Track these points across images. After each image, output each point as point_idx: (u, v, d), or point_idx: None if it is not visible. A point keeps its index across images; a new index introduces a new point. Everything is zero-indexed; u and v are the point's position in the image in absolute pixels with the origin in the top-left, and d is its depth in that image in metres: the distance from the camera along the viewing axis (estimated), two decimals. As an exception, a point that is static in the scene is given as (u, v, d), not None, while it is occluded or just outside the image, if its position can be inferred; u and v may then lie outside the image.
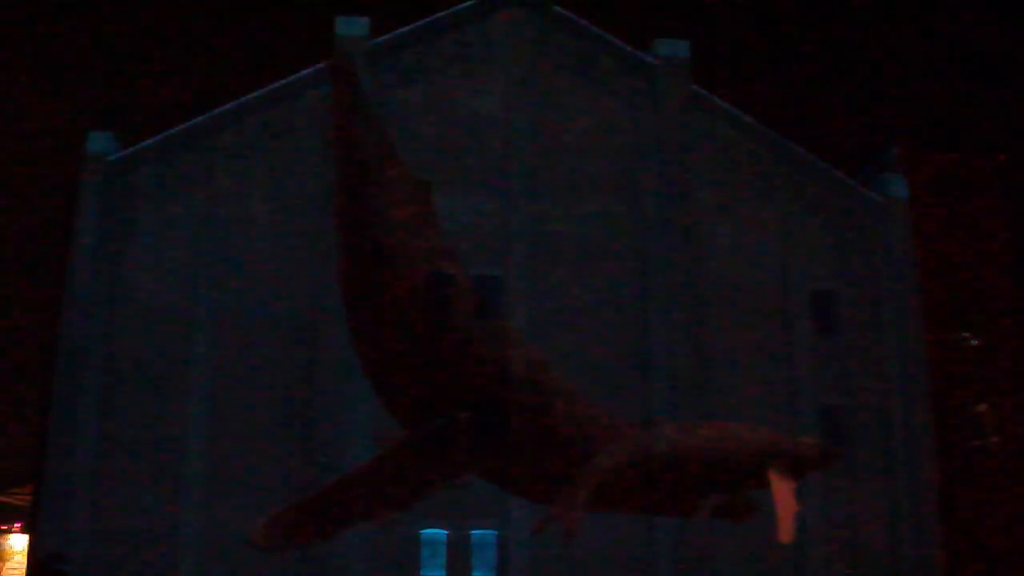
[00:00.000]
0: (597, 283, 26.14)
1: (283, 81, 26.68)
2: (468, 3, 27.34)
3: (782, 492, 11.80)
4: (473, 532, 24.71)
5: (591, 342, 25.51)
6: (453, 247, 12.63)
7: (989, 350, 28.45)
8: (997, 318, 28.74)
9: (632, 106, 27.50)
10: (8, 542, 34.80)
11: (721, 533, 24.79)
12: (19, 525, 34.35)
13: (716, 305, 26.40)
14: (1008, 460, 27.78)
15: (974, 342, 28.45)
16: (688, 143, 27.22)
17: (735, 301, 26.63)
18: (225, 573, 23.99)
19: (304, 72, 26.64)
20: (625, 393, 24.89)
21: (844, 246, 27.86)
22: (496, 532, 24.68)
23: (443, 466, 11.59)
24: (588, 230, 26.55)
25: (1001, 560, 26.96)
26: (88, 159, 25.98)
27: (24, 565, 28.55)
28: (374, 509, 11.52)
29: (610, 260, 26.43)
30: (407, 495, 11.63)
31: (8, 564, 34.04)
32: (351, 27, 26.58)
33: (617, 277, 26.34)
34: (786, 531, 11.63)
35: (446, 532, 24.67)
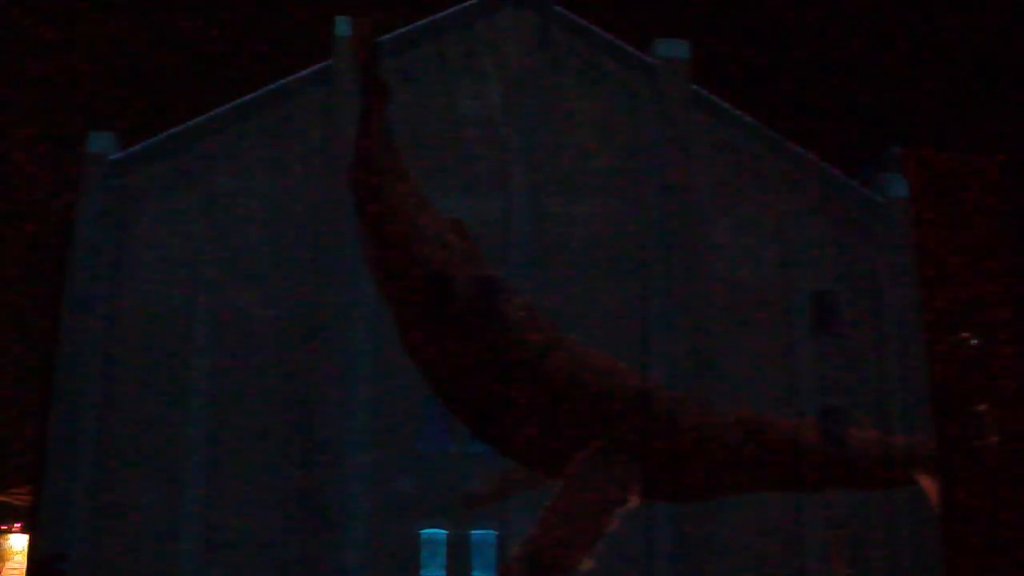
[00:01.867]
0: (597, 283, 26.15)
1: (283, 81, 26.69)
2: (469, 3, 27.35)
3: (931, 487, 12.77)
4: (473, 532, 24.72)
5: (591, 342, 25.45)
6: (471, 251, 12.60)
7: (989, 350, 28.45)
8: (997, 318, 28.74)
9: (632, 106, 27.51)
10: (8, 542, 34.79)
11: (721, 532, 24.85)
12: (19, 525, 34.34)
13: (716, 305, 26.41)
14: (1008, 460, 27.77)
15: (974, 342, 28.45)
16: (688, 143, 27.23)
17: (735, 301, 26.64)
18: (225, 573, 24.00)
19: (304, 72, 26.65)
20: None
21: (844, 246, 27.87)
22: (496, 532, 24.68)
23: (613, 492, 11.53)
24: (589, 230, 26.56)
25: (1001, 560, 26.95)
26: (88, 159, 25.99)
27: (24, 565, 28.53)
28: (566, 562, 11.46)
29: (610, 260, 26.44)
30: (589, 539, 11.54)
31: (8, 564, 34.04)
32: (351, 27, 26.57)
33: (617, 277, 26.35)
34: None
35: (446, 532, 24.68)
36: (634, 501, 11.72)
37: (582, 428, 11.72)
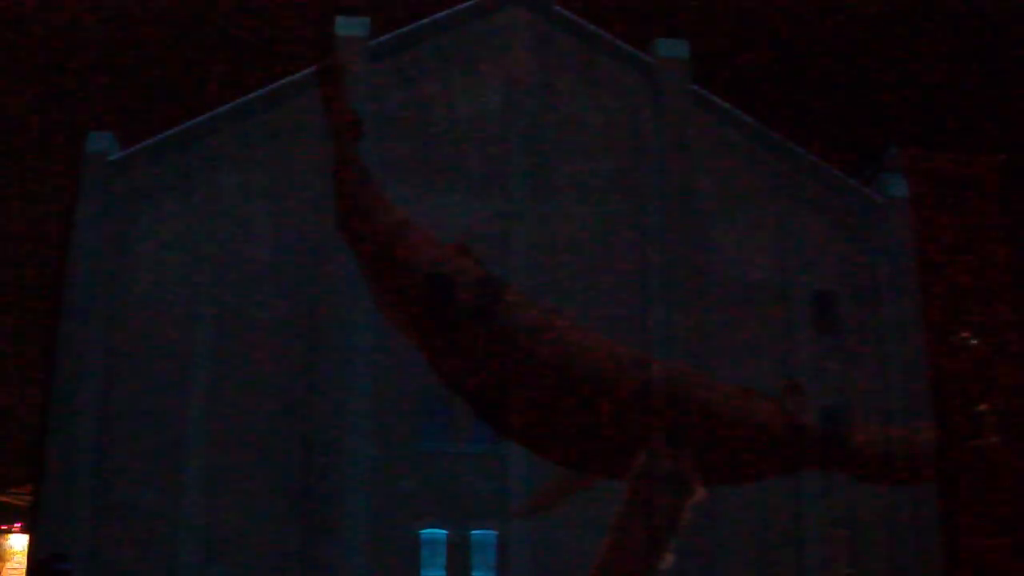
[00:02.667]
0: (597, 283, 26.14)
1: (283, 81, 26.69)
2: (468, 3, 27.35)
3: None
4: (473, 532, 24.72)
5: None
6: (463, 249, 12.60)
7: (989, 350, 28.46)
8: (997, 318, 28.75)
9: (632, 106, 27.51)
10: (8, 542, 34.82)
11: (722, 532, 24.83)
12: (19, 525, 34.36)
13: (716, 305, 26.40)
14: (1008, 460, 27.79)
15: (974, 342, 28.45)
16: (688, 143, 27.23)
17: (735, 301, 26.64)
18: (225, 573, 24.00)
19: (304, 72, 26.64)
20: (625, 393, 24.89)
21: (844, 246, 27.87)
22: (496, 532, 24.68)
23: (682, 486, 11.60)
24: (589, 230, 26.56)
25: (1001, 560, 26.97)
26: (88, 159, 25.99)
27: (24, 565, 28.55)
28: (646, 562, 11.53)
29: (610, 260, 26.43)
30: (668, 534, 11.62)
31: (8, 564, 34.07)
32: (351, 27, 26.60)
33: (617, 277, 26.34)
34: None
35: (446, 532, 24.68)
36: (700, 492, 11.79)
37: (612, 423, 11.73)
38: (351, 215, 12.15)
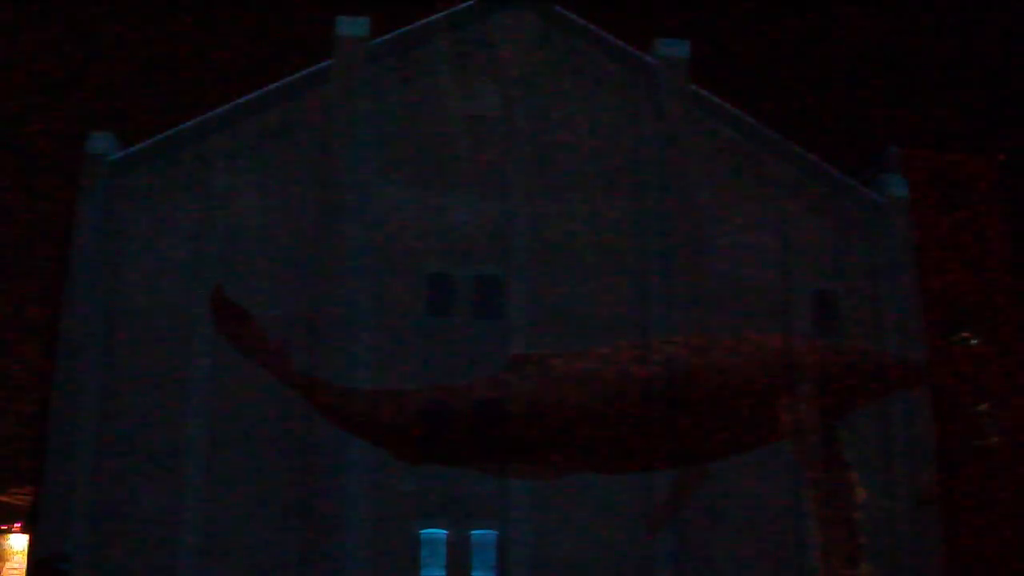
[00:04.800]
0: (597, 283, 26.14)
1: (282, 81, 26.69)
2: (468, 3, 27.36)
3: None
4: (473, 532, 24.72)
5: (591, 342, 25.44)
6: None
7: (989, 350, 28.46)
8: (997, 318, 28.75)
9: (632, 106, 27.51)
10: (8, 542, 34.78)
11: (721, 533, 24.86)
12: (19, 525, 34.33)
13: (716, 305, 26.39)
14: (1008, 460, 27.79)
15: (974, 342, 28.45)
16: (688, 143, 27.23)
17: (735, 301, 26.62)
18: (225, 573, 24.01)
19: (304, 72, 26.65)
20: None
21: (844, 246, 27.87)
22: (496, 532, 24.68)
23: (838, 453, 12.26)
24: (588, 230, 26.55)
25: (1001, 560, 26.96)
26: (88, 159, 25.99)
27: (24, 565, 28.53)
28: None
29: (610, 260, 26.43)
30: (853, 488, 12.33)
31: (8, 564, 34.04)
32: (351, 27, 26.62)
33: (617, 277, 26.34)
34: None
35: (446, 532, 24.68)
36: (842, 434, 12.41)
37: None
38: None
